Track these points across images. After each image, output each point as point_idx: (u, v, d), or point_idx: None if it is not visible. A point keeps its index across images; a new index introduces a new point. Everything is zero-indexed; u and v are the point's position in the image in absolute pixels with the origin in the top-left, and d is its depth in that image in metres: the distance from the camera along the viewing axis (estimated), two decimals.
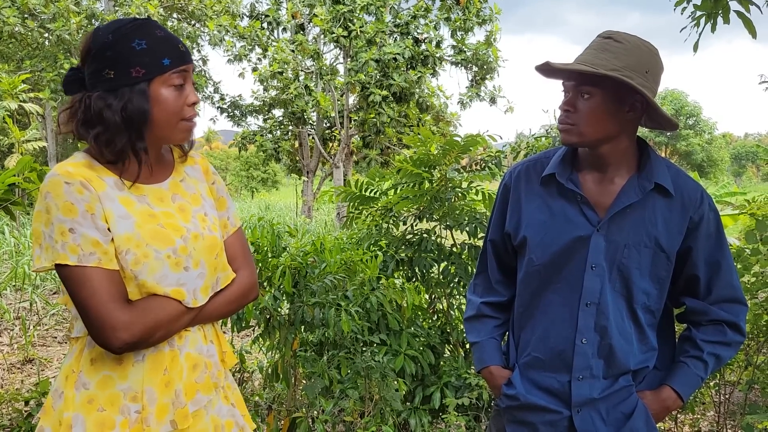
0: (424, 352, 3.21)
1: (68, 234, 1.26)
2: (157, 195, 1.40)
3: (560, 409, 1.61)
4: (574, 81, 1.52)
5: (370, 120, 16.28)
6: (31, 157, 2.74)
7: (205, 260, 1.40)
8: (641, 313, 1.59)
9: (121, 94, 1.30)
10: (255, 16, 19.04)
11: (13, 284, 6.89)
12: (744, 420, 3.10)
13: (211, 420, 1.45)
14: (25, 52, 17.68)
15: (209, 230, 1.44)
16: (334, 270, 3.14)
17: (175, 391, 1.37)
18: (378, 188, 3.82)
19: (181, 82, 1.35)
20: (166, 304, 1.33)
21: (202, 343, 1.44)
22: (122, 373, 1.34)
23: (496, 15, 16.74)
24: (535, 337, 1.64)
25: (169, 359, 1.37)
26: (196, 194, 1.48)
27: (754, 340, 3.22)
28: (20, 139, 19.10)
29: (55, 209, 1.26)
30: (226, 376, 1.54)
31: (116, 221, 1.30)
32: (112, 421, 1.32)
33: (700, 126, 48.13)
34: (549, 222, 1.61)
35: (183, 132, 1.39)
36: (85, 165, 1.33)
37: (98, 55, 1.31)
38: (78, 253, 1.26)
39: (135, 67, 1.30)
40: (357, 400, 2.95)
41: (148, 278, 1.31)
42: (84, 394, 1.33)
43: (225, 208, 1.54)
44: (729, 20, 2.97)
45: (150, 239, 1.32)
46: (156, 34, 1.34)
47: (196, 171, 1.52)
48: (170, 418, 1.36)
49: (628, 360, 1.59)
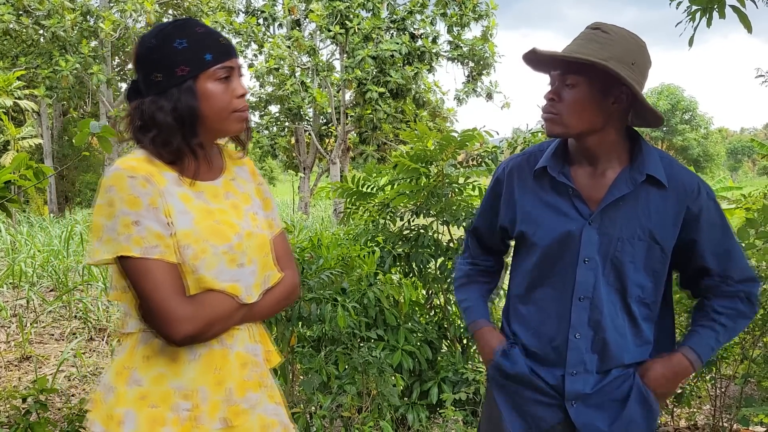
0: (422, 348, 3.22)
1: (133, 226, 1.28)
2: (212, 192, 1.43)
3: (556, 399, 1.61)
4: (559, 70, 1.52)
5: (366, 116, 16.28)
6: (26, 154, 2.74)
7: (257, 258, 1.43)
8: (636, 306, 1.58)
9: (171, 94, 1.34)
10: (251, 12, 18.99)
11: (9, 281, 6.87)
12: (740, 413, 3.12)
13: (258, 418, 1.46)
14: (20, 49, 17.62)
15: (260, 229, 1.47)
16: (332, 266, 3.14)
17: (226, 390, 1.39)
18: (375, 184, 3.82)
19: (227, 75, 1.37)
20: (223, 299, 1.36)
21: (249, 342, 1.46)
22: (176, 371, 1.35)
23: (493, 10, 16.73)
24: (529, 332, 1.64)
25: (219, 358, 1.39)
26: (246, 193, 1.51)
27: (750, 334, 3.23)
28: (16, 137, 19.05)
29: (119, 202, 1.28)
30: (269, 375, 1.55)
31: (177, 216, 1.33)
32: (164, 418, 1.33)
33: (696, 121, 48.18)
34: (541, 216, 1.60)
35: (236, 123, 1.41)
36: (146, 161, 1.36)
37: (145, 61, 1.36)
38: (142, 246, 1.28)
39: (179, 67, 1.34)
40: (354, 395, 2.95)
41: (206, 273, 1.33)
42: (136, 390, 1.35)
43: (271, 209, 1.57)
44: (724, 15, 2.97)
45: (208, 235, 1.35)
46: (196, 31, 1.37)
47: (245, 171, 1.55)
48: (222, 415, 1.38)
49: (622, 354, 1.59)
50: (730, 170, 54.02)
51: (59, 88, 17.39)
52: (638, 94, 1.47)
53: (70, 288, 6.32)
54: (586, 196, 1.57)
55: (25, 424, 2.66)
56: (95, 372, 4.59)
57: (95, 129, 2.29)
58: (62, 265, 7.33)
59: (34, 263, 7.55)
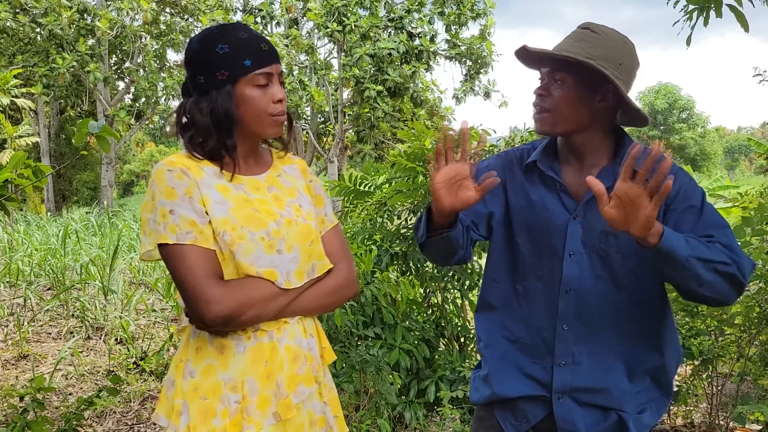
0: (419, 346, 3.23)
1: (169, 216, 1.35)
2: (253, 185, 1.47)
3: (541, 393, 1.62)
4: (549, 67, 1.57)
5: (364, 115, 16.27)
6: (24, 153, 2.73)
7: (299, 246, 1.45)
8: (633, 297, 1.59)
9: (210, 97, 1.41)
10: (248, 11, 18.98)
11: (6, 280, 6.86)
12: (736, 411, 3.13)
13: (308, 414, 1.47)
14: (16, 47, 17.58)
15: (303, 219, 1.49)
16: None
17: (276, 383, 1.40)
18: (372, 183, 3.82)
19: (266, 82, 1.42)
20: (259, 283, 1.38)
21: (301, 336, 1.47)
22: (224, 363, 1.39)
23: (490, 9, 16.74)
24: (519, 323, 1.66)
25: (269, 351, 1.41)
26: (292, 188, 1.54)
27: (746, 332, 3.25)
28: (13, 135, 19.01)
29: (158, 195, 1.36)
30: (325, 372, 1.56)
31: (213, 206, 1.38)
32: (214, 410, 1.37)
33: (693, 120, 48.26)
34: (529, 210, 1.63)
35: (272, 127, 1.45)
36: (187, 156, 1.43)
37: (191, 63, 1.43)
38: (177, 233, 1.34)
39: (220, 71, 1.40)
40: (352, 393, 2.96)
41: (243, 259, 1.36)
42: (190, 382, 1.39)
43: (323, 206, 1.60)
44: (721, 14, 2.98)
45: (244, 222, 1.38)
46: (239, 36, 1.42)
47: (294, 170, 1.59)
48: (273, 410, 1.39)
49: (612, 346, 1.59)
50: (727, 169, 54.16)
51: (56, 87, 17.38)
52: (624, 94, 1.50)
53: (68, 287, 6.31)
54: (573, 191, 1.60)
55: (23, 422, 2.66)
56: (92, 371, 4.58)
57: (94, 129, 2.28)
58: (59, 264, 7.32)
59: (32, 262, 7.54)
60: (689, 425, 3.62)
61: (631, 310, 1.59)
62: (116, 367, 4.58)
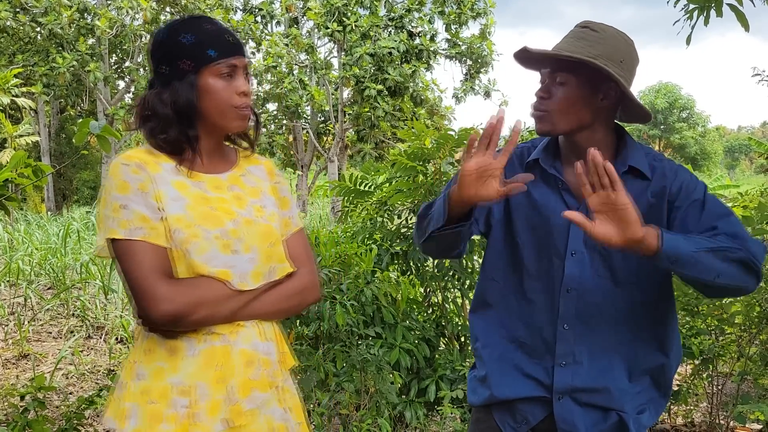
0: (419, 345, 3.23)
1: (120, 210, 1.31)
2: (214, 183, 1.43)
3: (542, 394, 1.61)
4: (549, 68, 1.54)
5: (364, 114, 16.27)
6: (24, 152, 2.73)
7: (258, 247, 1.40)
8: (633, 297, 1.59)
9: (172, 87, 1.37)
10: (248, 10, 18.97)
11: (7, 279, 6.86)
12: (736, 410, 3.13)
13: (266, 421, 1.41)
14: (17, 46, 17.56)
15: (265, 219, 1.44)
16: (329, 263, 3.15)
17: (228, 388, 1.35)
18: (372, 182, 3.82)
19: (230, 72, 1.39)
20: (211, 283, 1.33)
21: (258, 340, 1.41)
22: (174, 366, 1.34)
23: (491, 8, 16.73)
24: (518, 323, 1.64)
25: (221, 354, 1.35)
26: (256, 188, 1.50)
27: (747, 332, 3.25)
28: (13, 134, 19.01)
29: (111, 189, 1.33)
30: (286, 378, 1.50)
31: (168, 202, 1.34)
32: (161, 414, 1.32)
33: (694, 119, 48.23)
34: (530, 209, 1.61)
35: (235, 120, 1.42)
36: (146, 152, 1.40)
37: (155, 54, 1.40)
38: (127, 228, 1.30)
39: (183, 60, 1.37)
40: (353, 393, 2.96)
41: (196, 257, 1.32)
42: (140, 384, 1.34)
43: (288, 208, 1.55)
44: (722, 13, 2.98)
45: (200, 220, 1.35)
46: (205, 27, 1.39)
47: (260, 170, 1.54)
48: (223, 416, 1.34)
49: (613, 345, 1.59)
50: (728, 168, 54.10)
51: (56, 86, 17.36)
52: (626, 91, 1.49)
53: (68, 286, 6.31)
54: (575, 190, 1.58)
55: (24, 422, 2.67)
56: (93, 370, 4.59)
57: (95, 129, 2.28)
58: (60, 263, 7.33)
59: (32, 261, 7.54)
60: (689, 424, 3.62)
61: (631, 310, 1.59)
62: (117, 367, 4.59)
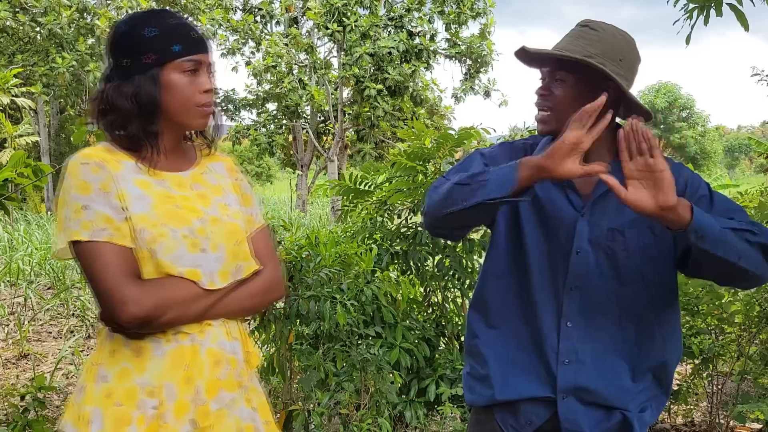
0: (419, 345, 3.23)
1: (82, 211, 1.27)
2: (176, 181, 1.41)
3: (546, 394, 1.61)
4: (549, 67, 1.56)
5: (364, 113, 16.27)
6: (24, 152, 2.73)
7: (225, 245, 1.38)
8: (637, 295, 1.59)
9: (134, 81, 1.34)
10: (248, 10, 18.97)
11: (7, 279, 6.87)
12: (736, 410, 3.13)
13: (234, 421, 1.40)
14: (16, 46, 17.57)
15: (230, 217, 1.42)
16: (329, 263, 3.15)
17: (195, 388, 1.33)
18: (372, 182, 3.82)
19: (194, 68, 1.36)
20: (180, 283, 1.31)
21: (225, 339, 1.39)
22: (140, 366, 1.31)
23: (490, 8, 16.73)
24: (522, 321, 1.64)
25: (189, 354, 1.33)
26: (218, 186, 1.47)
27: (746, 331, 3.25)
28: (13, 134, 19.00)
29: (71, 189, 1.29)
30: (251, 377, 1.49)
31: (132, 201, 1.31)
32: (129, 416, 1.29)
33: (694, 118, 48.21)
34: (536, 207, 1.61)
35: (198, 118, 1.40)
36: (105, 150, 1.36)
37: (115, 46, 1.36)
38: (91, 229, 1.26)
39: (146, 54, 1.33)
40: (353, 392, 2.96)
41: (164, 257, 1.30)
42: (103, 387, 1.31)
43: (251, 205, 1.52)
44: (722, 13, 2.97)
45: (166, 219, 1.32)
46: (169, 22, 1.36)
47: (220, 167, 1.52)
48: (190, 416, 1.32)
49: (616, 344, 1.59)
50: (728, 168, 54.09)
51: (56, 86, 17.36)
52: (625, 90, 1.50)
53: (68, 286, 6.32)
54: (580, 188, 1.59)
55: (24, 421, 2.67)
56: None
57: (94, 128, 2.28)
58: (60, 263, 7.33)
59: (32, 261, 7.55)
60: (689, 424, 3.62)
61: (635, 308, 1.59)
62: None
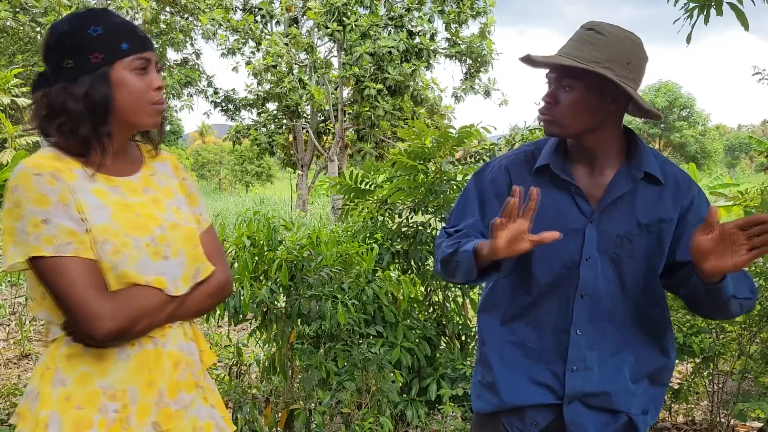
0: (420, 344, 3.23)
1: (42, 225, 1.22)
2: (129, 187, 1.37)
3: (552, 401, 1.61)
4: (555, 73, 1.53)
5: (364, 113, 16.26)
6: (25, 152, 2.74)
7: (184, 250, 1.37)
8: (638, 301, 1.59)
9: (82, 81, 1.28)
10: (248, 10, 18.95)
11: (8, 280, 6.87)
12: (737, 408, 3.14)
13: (191, 421, 1.40)
14: (17, 46, 17.57)
15: (185, 221, 1.41)
16: (330, 263, 3.15)
17: (158, 391, 1.33)
18: (373, 181, 3.82)
19: (144, 66, 1.33)
20: (148, 292, 1.29)
21: (183, 341, 1.40)
22: (102, 370, 1.29)
23: (490, 7, 16.71)
24: (528, 328, 1.63)
25: (153, 358, 1.33)
26: (167, 188, 1.45)
27: (747, 330, 3.25)
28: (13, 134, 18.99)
29: (26, 202, 1.22)
30: (205, 376, 1.49)
31: (91, 211, 1.27)
32: (90, 420, 1.26)
33: (694, 118, 48.16)
34: (543, 215, 1.56)
35: (152, 116, 1.36)
36: (54, 158, 1.29)
37: (56, 47, 1.30)
38: (54, 244, 1.22)
39: (94, 53, 1.28)
40: (354, 391, 2.97)
41: (129, 268, 1.27)
42: (61, 391, 1.27)
43: (197, 204, 1.51)
44: (722, 12, 2.98)
45: (128, 229, 1.29)
46: (113, 20, 1.32)
47: (166, 167, 1.49)
48: (152, 419, 1.31)
49: (620, 349, 1.60)
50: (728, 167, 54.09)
51: None
52: (634, 95, 1.48)
53: None
54: (588, 194, 1.57)
55: None
56: None
57: None
58: None
59: None
60: (690, 423, 3.62)
61: (637, 314, 1.60)
62: None
